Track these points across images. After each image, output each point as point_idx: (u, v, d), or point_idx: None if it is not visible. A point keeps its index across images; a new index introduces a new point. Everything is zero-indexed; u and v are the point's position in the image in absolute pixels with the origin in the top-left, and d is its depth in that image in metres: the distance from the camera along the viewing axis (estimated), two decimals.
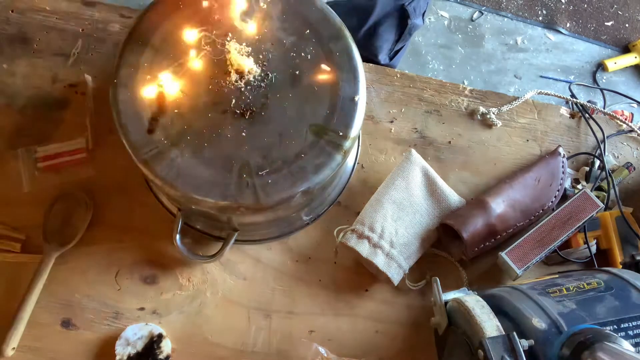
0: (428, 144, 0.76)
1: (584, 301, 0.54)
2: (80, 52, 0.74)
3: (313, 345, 0.66)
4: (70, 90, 0.73)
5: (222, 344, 0.67)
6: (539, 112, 0.79)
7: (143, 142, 0.55)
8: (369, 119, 0.76)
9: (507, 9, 1.95)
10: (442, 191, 0.71)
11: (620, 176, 0.76)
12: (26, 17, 0.74)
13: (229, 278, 0.69)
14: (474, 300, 0.56)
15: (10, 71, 0.73)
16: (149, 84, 0.57)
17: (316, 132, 0.57)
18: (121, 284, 0.68)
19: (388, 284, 0.70)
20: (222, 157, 0.56)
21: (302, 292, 0.69)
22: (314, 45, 0.59)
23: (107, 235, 0.69)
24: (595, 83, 1.92)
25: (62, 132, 0.71)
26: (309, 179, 0.56)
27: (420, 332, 0.69)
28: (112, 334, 0.66)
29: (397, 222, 0.68)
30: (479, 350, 0.49)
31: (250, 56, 0.58)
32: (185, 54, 0.58)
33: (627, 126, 0.79)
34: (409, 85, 0.78)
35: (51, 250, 0.66)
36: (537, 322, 0.51)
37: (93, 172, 0.70)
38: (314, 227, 0.71)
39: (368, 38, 0.96)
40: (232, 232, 0.65)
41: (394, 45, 1.02)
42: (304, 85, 0.59)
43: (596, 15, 1.98)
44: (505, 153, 0.77)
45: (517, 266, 0.67)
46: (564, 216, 0.69)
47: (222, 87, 0.57)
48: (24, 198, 0.68)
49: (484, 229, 0.68)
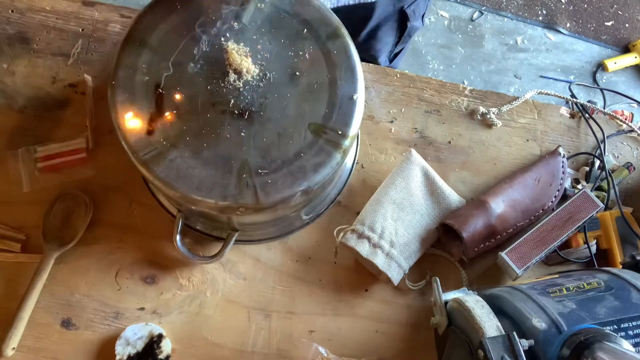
0: (428, 144, 0.76)
1: (584, 301, 0.54)
2: (80, 52, 0.74)
3: (313, 345, 0.66)
4: (70, 90, 0.73)
5: (222, 344, 0.67)
6: (539, 112, 0.79)
7: (142, 143, 0.55)
8: (369, 119, 0.76)
9: (507, 9, 1.95)
10: (442, 191, 0.71)
11: (620, 176, 0.76)
12: (26, 17, 0.74)
13: (229, 278, 0.69)
14: (474, 300, 0.56)
15: (10, 71, 0.73)
16: (147, 85, 0.57)
17: (315, 131, 0.57)
18: (121, 284, 0.68)
19: (388, 284, 0.70)
20: (221, 157, 0.56)
21: (302, 292, 0.69)
22: (311, 44, 0.59)
23: (107, 235, 0.69)
24: (595, 83, 1.92)
25: (62, 132, 0.71)
26: (309, 178, 0.56)
27: (420, 332, 0.69)
28: (112, 334, 0.66)
29: (397, 222, 0.68)
30: (479, 350, 0.49)
31: (249, 56, 0.58)
32: (183, 55, 0.58)
33: (627, 126, 0.79)
34: (409, 85, 0.78)
35: (51, 250, 0.66)
36: (537, 322, 0.51)
37: (93, 172, 0.70)
38: (314, 227, 0.71)
39: (368, 41, 0.96)
40: (232, 232, 0.65)
41: (394, 47, 1.02)
42: (302, 85, 0.59)
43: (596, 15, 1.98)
44: (505, 153, 0.77)
45: (517, 266, 0.67)
46: (564, 216, 0.69)
47: (221, 88, 0.57)
48: (24, 198, 0.68)
49: (484, 229, 0.68)
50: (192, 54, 0.58)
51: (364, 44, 0.95)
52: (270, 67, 0.59)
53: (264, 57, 0.59)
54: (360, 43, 0.94)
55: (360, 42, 0.94)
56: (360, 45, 0.94)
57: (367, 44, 0.96)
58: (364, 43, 0.95)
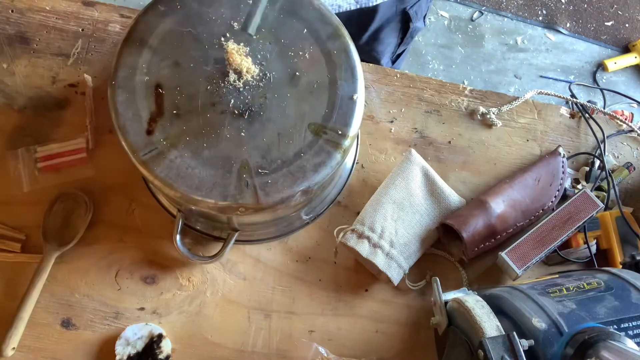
0: (428, 144, 0.76)
1: (584, 301, 0.54)
2: (80, 52, 0.74)
3: (313, 345, 0.66)
4: (70, 90, 0.73)
5: (222, 344, 0.67)
6: (539, 112, 0.79)
7: (142, 143, 0.55)
8: (369, 119, 0.76)
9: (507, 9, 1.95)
10: (442, 191, 0.71)
11: (620, 176, 0.76)
12: (26, 17, 0.74)
13: (229, 278, 0.69)
14: (474, 300, 0.56)
15: (10, 71, 0.73)
16: (147, 85, 0.57)
17: (315, 131, 0.57)
18: (121, 284, 0.68)
19: (388, 284, 0.70)
20: (221, 157, 0.56)
21: (302, 292, 0.69)
22: (312, 44, 0.59)
23: (107, 235, 0.69)
24: (595, 83, 1.92)
25: (62, 132, 0.71)
26: (309, 178, 0.56)
27: (420, 332, 0.69)
28: (112, 334, 0.66)
29: (397, 222, 0.68)
30: (479, 350, 0.49)
31: (249, 56, 0.58)
32: (183, 55, 0.58)
33: (627, 126, 0.79)
34: (409, 85, 0.78)
35: (51, 250, 0.66)
36: (537, 322, 0.51)
37: (93, 172, 0.70)
38: (314, 227, 0.71)
39: (370, 43, 0.96)
40: (232, 232, 0.65)
41: (396, 49, 1.02)
42: (302, 85, 0.59)
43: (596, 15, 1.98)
44: (505, 153, 0.77)
45: (517, 266, 0.67)
46: (564, 216, 0.69)
47: (221, 87, 0.57)
48: (24, 198, 0.68)
49: (484, 229, 0.68)
50: (192, 54, 0.58)
51: (366, 46, 0.95)
52: (270, 67, 0.59)
53: (264, 57, 0.59)
54: (362, 45, 0.94)
55: (362, 45, 0.94)
56: (362, 48, 0.94)
57: (369, 46, 0.96)
58: (366, 45, 0.95)
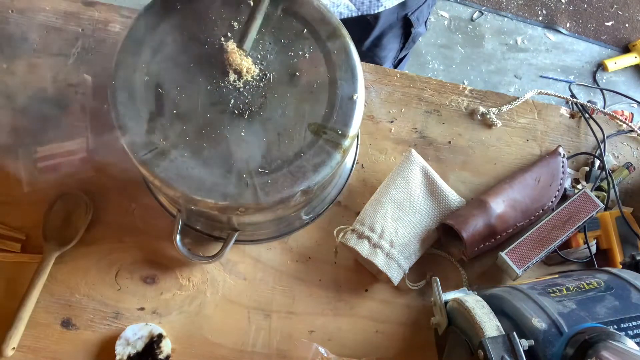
0: (428, 144, 0.76)
1: (584, 301, 0.54)
2: (80, 52, 0.74)
3: (313, 345, 0.66)
4: (70, 90, 0.73)
5: (222, 344, 0.67)
6: (539, 112, 0.79)
7: (142, 143, 0.55)
8: (369, 119, 0.76)
9: (507, 9, 1.95)
10: (442, 191, 0.71)
11: (620, 176, 0.76)
12: (26, 17, 0.74)
13: (229, 278, 0.69)
14: (474, 300, 0.56)
15: (10, 71, 0.73)
16: (147, 85, 0.57)
17: (315, 131, 0.57)
18: (121, 284, 0.68)
19: (388, 284, 0.70)
20: (221, 157, 0.56)
21: (302, 292, 0.69)
22: (311, 44, 0.59)
23: (107, 235, 0.69)
24: (595, 83, 1.92)
25: (62, 132, 0.71)
26: (309, 178, 0.56)
27: (420, 332, 0.69)
28: (112, 334, 0.66)
29: (397, 222, 0.68)
30: (479, 350, 0.49)
31: (249, 56, 0.58)
32: (183, 55, 0.58)
33: (627, 126, 0.79)
34: (409, 85, 0.78)
35: (51, 250, 0.66)
36: (537, 322, 0.51)
37: (93, 172, 0.70)
38: (314, 227, 0.71)
39: (372, 49, 0.96)
40: (232, 232, 0.65)
41: (398, 54, 1.02)
42: (302, 85, 0.58)
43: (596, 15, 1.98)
44: (505, 153, 0.77)
45: (517, 266, 0.67)
46: (564, 216, 0.69)
47: (221, 87, 0.57)
48: (24, 198, 0.68)
49: (484, 229, 0.68)
50: (192, 54, 0.58)
51: (368, 52, 0.95)
52: (270, 67, 0.59)
53: (264, 57, 0.59)
54: (365, 51, 0.94)
55: (365, 51, 0.94)
56: (364, 53, 0.94)
57: (371, 51, 0.96)
58: (369, 51, 0.95)
